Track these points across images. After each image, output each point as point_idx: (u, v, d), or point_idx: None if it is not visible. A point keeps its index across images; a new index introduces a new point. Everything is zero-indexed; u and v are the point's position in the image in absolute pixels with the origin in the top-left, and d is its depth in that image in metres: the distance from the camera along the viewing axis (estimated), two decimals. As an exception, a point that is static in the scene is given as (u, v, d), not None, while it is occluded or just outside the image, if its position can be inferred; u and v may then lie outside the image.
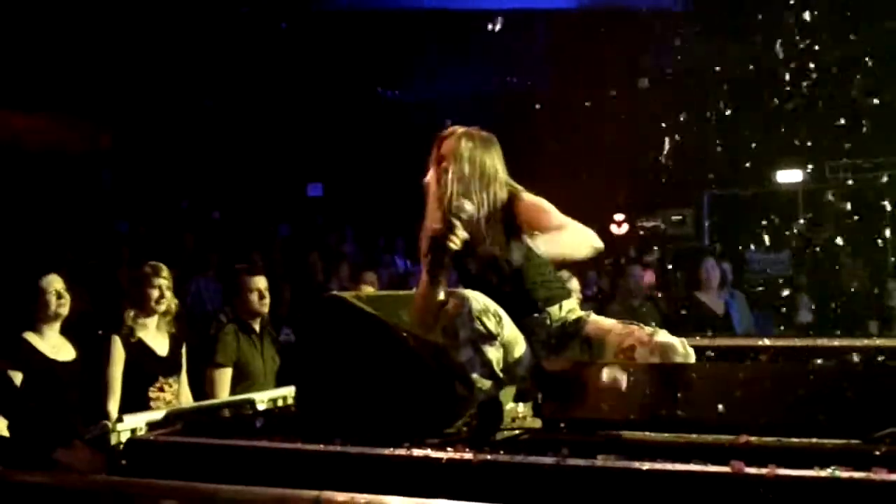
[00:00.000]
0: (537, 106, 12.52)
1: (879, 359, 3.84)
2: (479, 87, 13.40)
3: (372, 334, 3.28)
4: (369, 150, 13.63)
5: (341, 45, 13.10)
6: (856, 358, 3.90)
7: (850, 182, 12.33)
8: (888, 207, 12.08)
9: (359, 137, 13.65)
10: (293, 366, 4.66)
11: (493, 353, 3.19)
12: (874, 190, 12.12)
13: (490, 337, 3.19)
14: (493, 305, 3.22)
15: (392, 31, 12.99)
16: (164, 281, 5.08)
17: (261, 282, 5.58)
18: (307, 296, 8.36)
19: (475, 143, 3.48)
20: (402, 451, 2.86)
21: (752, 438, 2.54)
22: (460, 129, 3.51)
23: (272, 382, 5.41)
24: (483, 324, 3.17)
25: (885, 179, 12.15)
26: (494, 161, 3.49)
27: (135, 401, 4.75)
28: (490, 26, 12.10)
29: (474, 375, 3.16)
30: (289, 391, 4.17)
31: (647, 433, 2.68)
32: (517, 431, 3.04)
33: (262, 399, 4.16)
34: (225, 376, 5.33)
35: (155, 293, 5.03)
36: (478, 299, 3.23)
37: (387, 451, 2.88)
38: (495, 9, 13.01)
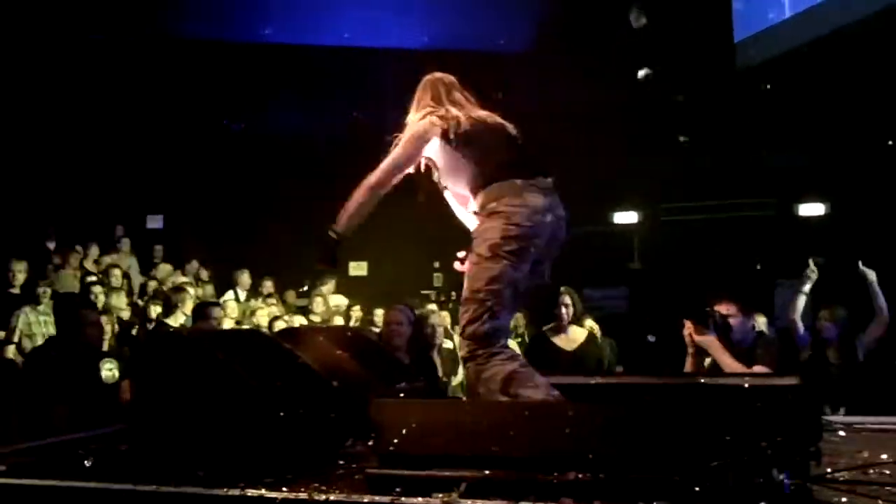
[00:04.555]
0: (384, 141, 12.58)
1: (705, 394, 4.02)
2: (325, 122, 13.40)
3: (208, 371, 3.22)
4: (212, 183, 13.41)
5: (185, 75, 12.88)
6: (682, 394, 4.08)
7: (683, 222, 12.90)
8: (719, 246, 12.69)
9: (201, 169, 13.42)
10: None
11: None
12: (707, 230, 12.73)
13: None
14: None
15: (238, 63, 12.86)
16: None
17: (97, 315, 5.46)
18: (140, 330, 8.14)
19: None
20: (236, 492, 2.82)
21: (580, 475, 2.62)
22: None
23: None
24: None
25: (717, 221, 12.78)
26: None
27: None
28: (336, 62, 12.16)
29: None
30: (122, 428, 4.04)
31: (481, 470, 2.72)
32: (354, 469, 3.04)
33: (92, 436, 4.01)
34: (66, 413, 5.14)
35: None
36: None
37: (221, 492, 2.83)
38: (341, 45, 13.11)
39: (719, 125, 11.69)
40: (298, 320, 9.47)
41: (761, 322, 6.59)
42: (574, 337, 6.16)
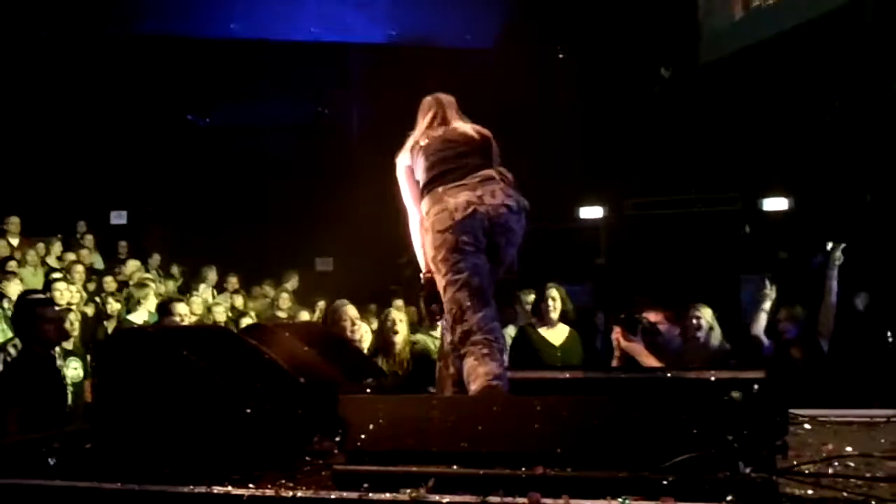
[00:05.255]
0: (350, 135, 12.62)
1: (672, 389, 4.05)
2: (292, 116, 13.36)
3: (173, 368, 3.19)
4: (177, 178, 13.31)
5: (150, 71, 12.76)
6: (649, 389, 4.11)
7: (649, 217, 12.95)
8: (685, 241, 12.75)
9: (166, 165, 13.31)
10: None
11: None
12: (672, 225, 12.78)
13: None
14: None
15: (204, 59, 12.76)
16: None
17: (56, 311, 5.35)
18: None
19: None
20: (202, 489, 2.79)
21: (548, 470, 2.62)
22: None
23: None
24: None
25: (683, 215, 12.83)
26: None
27: None
28: (304, 57, 12.11)
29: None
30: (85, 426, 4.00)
31: (450, 466, 2.72)
32: (321, 465, 3.02)
33: (58, 435, 3.96)
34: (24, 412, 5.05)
35: None
36: None
37: (187, 489, 2.80)
38: (309, 41, 13.04)
39: (685, 120, 11.76)
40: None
41: (707, 315, 6.52)
42: (558, 334, 6.14)
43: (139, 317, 7.61)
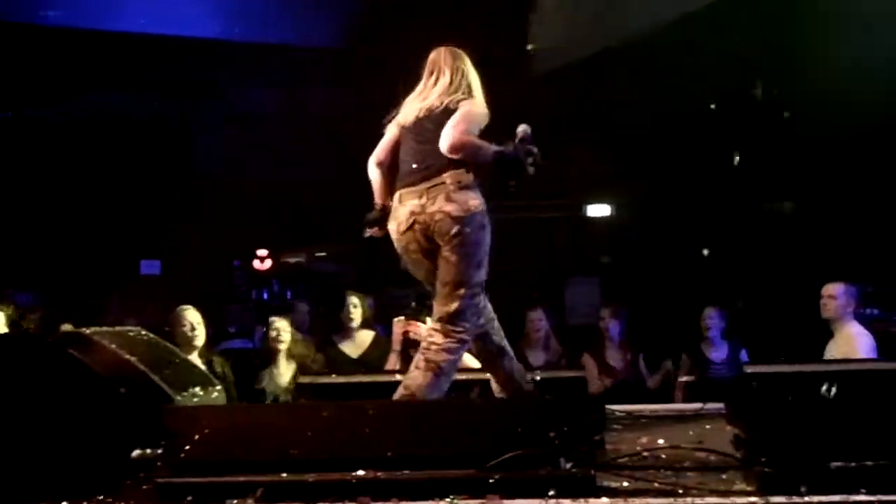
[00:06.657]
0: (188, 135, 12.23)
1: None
2: (113, 111, 12.83)
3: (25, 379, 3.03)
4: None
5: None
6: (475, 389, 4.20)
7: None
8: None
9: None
10: None
11: None
12: (505, 229, 13.01)
13: None
14: None
15: (14, 46, 12.07)
16: None
17: None
18: None
19: None
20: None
21: (378, 473, 2.64)
22: None
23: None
24: None
25: (512, 220, 13.09)
26: None
27: None
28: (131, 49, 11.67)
29: None
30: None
31: (279, 474, 2.69)
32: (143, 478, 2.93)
33: None
34: None
35: None
36: None
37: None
38: (136, 32, 12.55)
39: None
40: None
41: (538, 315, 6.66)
42: (361, 341, 6.14)
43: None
